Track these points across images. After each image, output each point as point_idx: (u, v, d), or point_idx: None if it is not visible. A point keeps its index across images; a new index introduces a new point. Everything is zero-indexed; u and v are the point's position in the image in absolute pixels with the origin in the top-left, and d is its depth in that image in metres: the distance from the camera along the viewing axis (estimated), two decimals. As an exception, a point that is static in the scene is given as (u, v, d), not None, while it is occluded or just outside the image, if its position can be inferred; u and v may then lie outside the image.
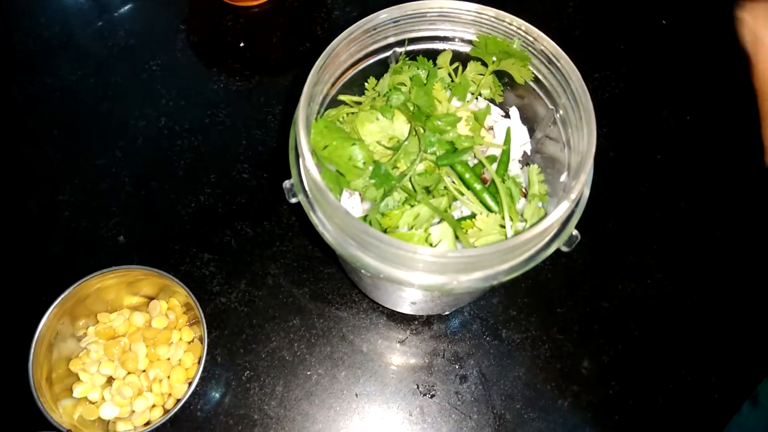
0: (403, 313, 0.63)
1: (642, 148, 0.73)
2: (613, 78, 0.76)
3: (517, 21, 0.42)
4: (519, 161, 0.50)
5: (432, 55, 0.48)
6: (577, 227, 0.40)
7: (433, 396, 0.61)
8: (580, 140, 0.40)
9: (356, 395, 0.61)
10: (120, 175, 0.71)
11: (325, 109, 0.46)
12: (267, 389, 0.61)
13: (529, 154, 0.50)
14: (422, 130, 0.44)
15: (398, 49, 0.47)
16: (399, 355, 0.62)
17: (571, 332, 0.63)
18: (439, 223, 0.42)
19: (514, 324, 0.63)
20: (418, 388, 0.61)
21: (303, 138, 0.38)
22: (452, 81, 0.48)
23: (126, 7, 0.83)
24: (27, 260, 0.67)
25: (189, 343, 0.61)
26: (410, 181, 0.44)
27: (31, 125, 0.75)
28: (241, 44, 0.80)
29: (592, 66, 0.77)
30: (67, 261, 0.67)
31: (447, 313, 0.63)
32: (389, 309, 0.63)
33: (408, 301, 0.55)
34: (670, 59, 0.79)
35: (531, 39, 0.42)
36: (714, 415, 0.60)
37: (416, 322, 0.63)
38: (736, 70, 0.71)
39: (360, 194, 0.45)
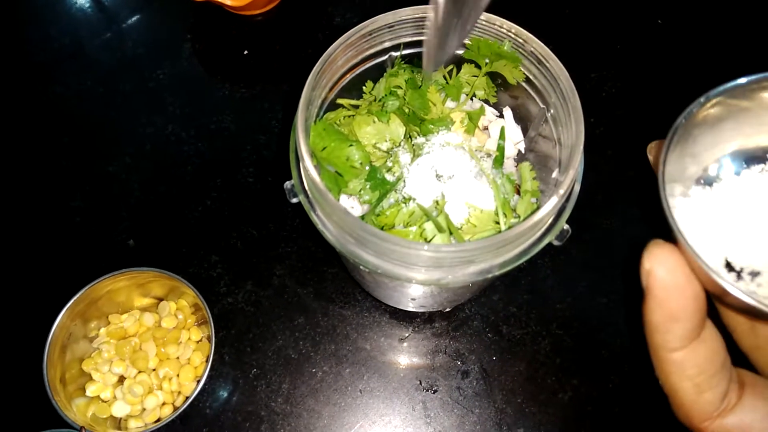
0: (405, 311, 0.65)
1: (639, 146, 0.74)
2: (609, 77, 0.78)
3: (507, 24, 0.44)
4: (514, 159, 0.51)
5: (427, 58, 0.49)
6: (574, 223, 0.42)
7: (435, 391, 0.62)
8: (570, 137, 0.41)
9: (360, 391, 0.62)
10: (129, 181, 0.73)
11: (324, 112, 0.48)
12: (273, 386, 0.62)
13: (523, 152, 0.51)
14: (417, 134, 0.46)
15: (394, 54, 0.48)
16: (402, 352, 0.64)
17: (571, 327, 0.64)
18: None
19: (514, 320, 0.65)
20: (420, 383, 0.62)
21: (302, 140, 0.40)
22: (447, 83, 0.50)
23: (133, 18, 0.86)
24: (40, 264, 0.69)
25: (197, 342, 0.63)
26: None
27: (42, 134, 0.77)
28: (245, 52, 0.82)
29: (588, 66, 0.78)
30: (79, 264, 0.69)
31: (448, 309, 0.64)
32: (391, 307, 0.65)
33: (409, 298, 0.57)
34: (666, 58, 0.80)
35: (521, 41, 0.44)
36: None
37: (418, 320, 0.65)
38: (731, 69, 0.72)
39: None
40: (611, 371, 0.62)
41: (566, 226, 0.42)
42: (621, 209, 0.70)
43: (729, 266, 0.30)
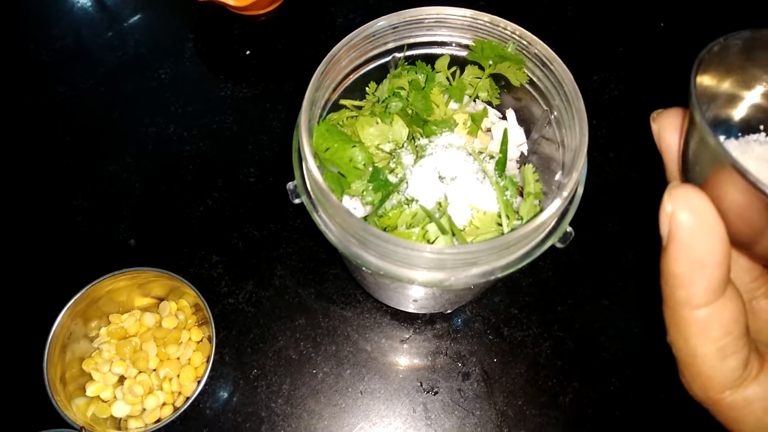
0: (406, 312, 0.65)
1: (641, 148, 0.74)
2: (612, 80, 0.78)
3: (512, 26, 0.44)
4: (516, 161, 0.51)
5: (430, 59, 0.49)
6: (577, 226, 0.42)
7: (436, 393, 0.62)
8: (573, 140, 0.41)
9: (361, 392, 0.62)
10: (131, 181, 0.73)
11: (327, 113, 0.48)
12: (274, 387, 0.62)
13: (526, 154, 0.51)
14: (420, 135, 0.46)
15: (397, 55, 0.48)
16: (402, 353, 0.64)
17: (572, 330, 0.64)
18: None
19: (515, 322, 0.64)
20: (421, 385, 0.62)
21: (305, 141, 0.39)
22: (450, 84, 0.50)
23: (135, 18, 0.86)
24: (41, 263, 0.69)
25: (198, 342, 0.63)
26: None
27: (45, 133, 0.77)
28: (248, 52, 0.82)
29: (591, 68, 0.78)
30: (80, 264, 0.69)
31: (449, 311, 0.64)
32: (393, 308, 0.65)
33: (410, 299, 0.56)
34: (668, 61, 0.80)
35: (525, 43, 0.44)
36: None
37: (419, 321, 0.65)
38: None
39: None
40: (612, 374, 0.62)
41: (569, 229, 0.41)
42: (624, 211, 0.70)
43: None
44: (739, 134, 0.31)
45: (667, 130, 0.31)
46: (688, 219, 0.25)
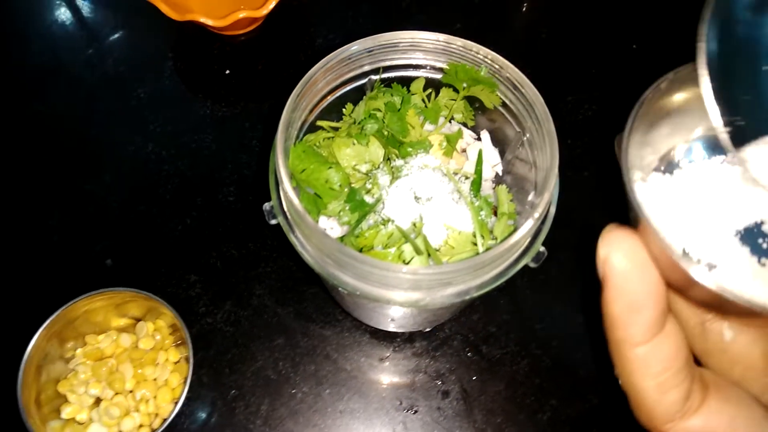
0: (385, 331, 0.65)
1: (614, 167, 0.75)
2: (586, 100, 0.79)
3: (484, 50, 0.45)
4: (491, 182, 0.52)
5: (406, 81, 0.50)
6: (553, 244, 0.42)
7: (415, 412, 0.62)
8: (545, 160, 0.42)
9: (340, 412, 0.62)
10: (108, 200, 0.73)
11: (305, 134, 0.48)
12: (252, 408, 0.62)
13: (500, 174, 0.52)
14: (395, 156, 0.47)
15: (373, 77, 0.49)
16: (382, 372, 0.64)
17: (549, 347, 0.64)
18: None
19: (493, 340, 0.65)
20: (401, 404, 0.62)
21: (281, 162, 0.40)
22: (425, 106, 0.51)
23: (115, 36, 0.85)
24: (16, 283, 0.68)
25: (175, 363, 0.62)
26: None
27: (21, 151, 0.76)
28: (227, 71, 0.82)
29: (565, 90, 0.80)
30: (56, 284, 0.68)
31: (428, 330, 0.65)
32: (372, 327, 0.65)
33: (388, 318, 0.57)
34: (641, 82, 0.81)
35: (497, 67, 0.45)
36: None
37: (398, 340, 0.65)
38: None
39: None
40: (589, 391, 0.63)
41: (542, 248, 0.42)
42: (598, 230, 0.71)
43: (686, 257, 0.28)
44: (705, 157, 0.32)
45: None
46: (620, 262, 0.26)
